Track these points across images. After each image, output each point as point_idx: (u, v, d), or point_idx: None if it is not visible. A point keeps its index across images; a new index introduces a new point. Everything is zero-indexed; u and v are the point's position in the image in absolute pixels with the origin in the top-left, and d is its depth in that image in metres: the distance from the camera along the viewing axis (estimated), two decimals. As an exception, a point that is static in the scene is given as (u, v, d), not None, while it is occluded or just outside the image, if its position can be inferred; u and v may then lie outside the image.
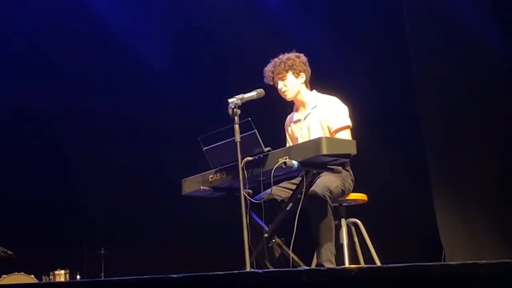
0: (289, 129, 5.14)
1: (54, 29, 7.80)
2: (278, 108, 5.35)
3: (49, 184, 7.75)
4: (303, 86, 4.98)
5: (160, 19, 8.00)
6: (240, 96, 4.52)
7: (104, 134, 7.95)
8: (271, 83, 4.97)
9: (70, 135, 8.07)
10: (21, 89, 7.81)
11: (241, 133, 4.37)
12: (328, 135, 4.79)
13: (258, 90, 4.67)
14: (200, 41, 7.80)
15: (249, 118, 4.34)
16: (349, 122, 4.82)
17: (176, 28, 7.91)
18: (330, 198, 4.50)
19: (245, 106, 4.51)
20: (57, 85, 7.83)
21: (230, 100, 4.47)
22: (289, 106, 5.16)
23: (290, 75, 4.93)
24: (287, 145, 5.07)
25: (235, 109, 4.42)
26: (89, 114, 8.01)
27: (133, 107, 7.95)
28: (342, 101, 4.92)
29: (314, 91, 5.03)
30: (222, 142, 4.58)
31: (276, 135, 5.21)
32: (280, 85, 4.95)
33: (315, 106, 4.94)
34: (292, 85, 4.94)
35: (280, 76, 4.92)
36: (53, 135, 8.04)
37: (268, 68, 4.98)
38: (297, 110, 5.08)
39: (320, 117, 4.88)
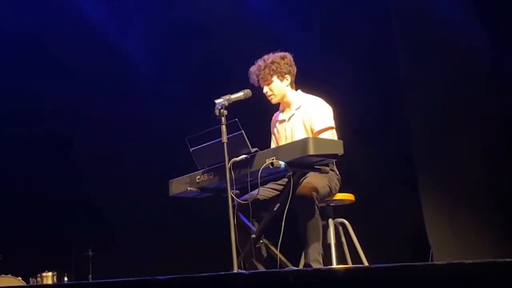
0: (275, 129, 5.14)
1: (47, 28, 7.81)
2: (265, 109, 5.34)
3: (37, 186, 7.72)
4: (288, 87, 4.98)
5: (148, 20, 8.00)
6: (227, 96, 4.51)
7: (98, 136, 7.93)
8: (256, 84, 4.97)
9: (61, 136, 8.04)
10: (19, 86, 7.81)
11: (228, 134, 4.37)
12: (311, 135, 4.78)
13: (245, 90, 4.67)
14: (189, 42, 7.80)
15: (236, 119, 4.33)
16: (332, 123, 4.81)
17: (166, 29, 7.91)
18: (317, 198, 4.50)
19: (232, 106, 4.50)
20: (52, 84, 7.83)
21: (217, 101, 4.46)
22: (275, 107, 5.16)
23: (275, 79, 4.92)
24: (272, 145, 5.08)
25: (222, 110, 4.41)
26: (81, 114, 8.00)
27: (126, 107, 7.94)
28: (327, 101, 4.91)
29: (299, 91, 5.03)
30: (209, 143, 4.58)
31: (263, 136, 5.21)
32: (266, 89, 4.94)
33: (299, 107, 4.94)
34: (277, 89, 4.94)
35: (265, 80, 4.92)
36: (44, 136, 8.00)
37: (253, 70, 4.97)
38: (282, 110, 5.08)
39: (303, 117, 4.87)
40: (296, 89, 5.03)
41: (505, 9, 5.80)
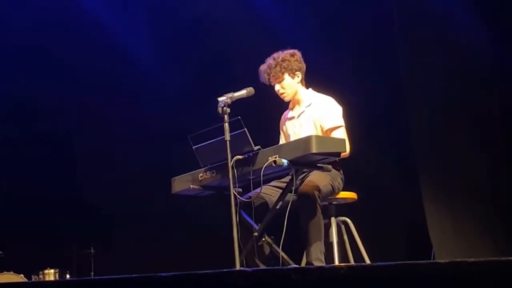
0: (284, 126, 5.14)
1: (47, 27, 7.81)
2: (268, 107, 5.36)
3: (38, 184, 7.72)
4: (300, 84, 5.00)
5: (150, 18, 8.01)
6: (230, 94, 4.51)
7: (99, 134, 7.93)
8: (267, 83, 4.98)
9: (63, 135, 8.05)
10: (18, 85, 7.82)
11: (230, 132, 4.37)
12: (320, 134, 4.79)
13: (248, 88, 4.66)
14: (191, 41, 7.80)
15: (239, 117, 4.33)
16: (341, 122, 4.82)
17: (167, 28, 7.91)
18: (319, 197, 4.51)
19: (235, 104, 4.50)
20: (52, 83, 7.83)
21: (220, 99, 4.46)
22: (279, 105, 5.16)
23: (286, 77, 4.93)
24: (281, 142, 5.09)
25: (224, 108, 4.41)
26: (83, 113, 8.00)
27: (127, 106, 7.94)
28: (336, 101, 4.92)
29: (310, 89, 5.04)
30: (212, 140, 4.58)
31: (266, 134, 5.21)
32: (277, 87, 4.95)
33: (309, 105, 4.95)
34: (290, 86, 4.95)
35: (276, 78, 4.92)
36: (46, 135, 8.00)
37: (263, 69, 4.97)
38: (292, 108, 5.09)
39: (313, 116, 4.89)
40: (307, 87, 5.04)
41: (506, 8, 5.80)
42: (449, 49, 6.03)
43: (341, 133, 4.77)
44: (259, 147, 4.43)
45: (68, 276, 7.09)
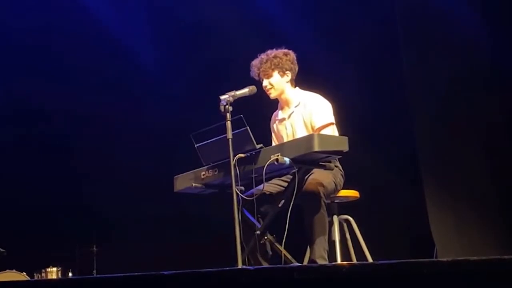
0: (274, 127, 5.13)
1: (49, 28, 7.81)
2: (270, 105, 5.34)
3: (41, 183, 7.73)
4: (288, 84, 4.97)
5: (153, 19, 8.01)
6: (232, 93, 4.51)
7: (102, 134, 7.92)
8: (256, 78, 4.97)
9: (65, 135, 8.05)
10: (20, 86, 7.82)
11: (233, 130, 4.36)
12: (311, 132, 4.77)
13: (250, 87, 4.65)
14: (192, 40, 7.80)
15: (241, 115, 4.33)
16: (332, 119, 4.80)
17: (170, 28, 7.92)
18: (324, 195, 4.51)
19: (237, 103, 4.50)
20: (55, 84, 7.83)
21: (222, 97, 4.45)
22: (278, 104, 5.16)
23: (275, 74, 4.91)
24: (273, 143, 5.07)
25: (227, 106, 4.40)
26: (86, 113, 8.00)
27: (127, 107, 7.94)
28: (332, 99, 4.90)
29: (297, 88, 5.01)
30: (214, 139, 4.57)
31: (268, 132, 5.21)
32: (265, 83, 4.93)
33: (298, 104, 4.92)
34: (277, 84, 4.93)
35: (265, 74, 4.91)
36: (43, 133, 8.01)
37: (255, 63, 4.96)
38: (281, 109, 5.07)
39: (303, 115, 4.87)
40: (295, 87, 5.02)
41: (509, 9, 5.80)
42: (452, 50, 6.03)
43: (330, 131, 4.74)
44: (261, 145, 4.43)
45: (70, 274, 7.09)
